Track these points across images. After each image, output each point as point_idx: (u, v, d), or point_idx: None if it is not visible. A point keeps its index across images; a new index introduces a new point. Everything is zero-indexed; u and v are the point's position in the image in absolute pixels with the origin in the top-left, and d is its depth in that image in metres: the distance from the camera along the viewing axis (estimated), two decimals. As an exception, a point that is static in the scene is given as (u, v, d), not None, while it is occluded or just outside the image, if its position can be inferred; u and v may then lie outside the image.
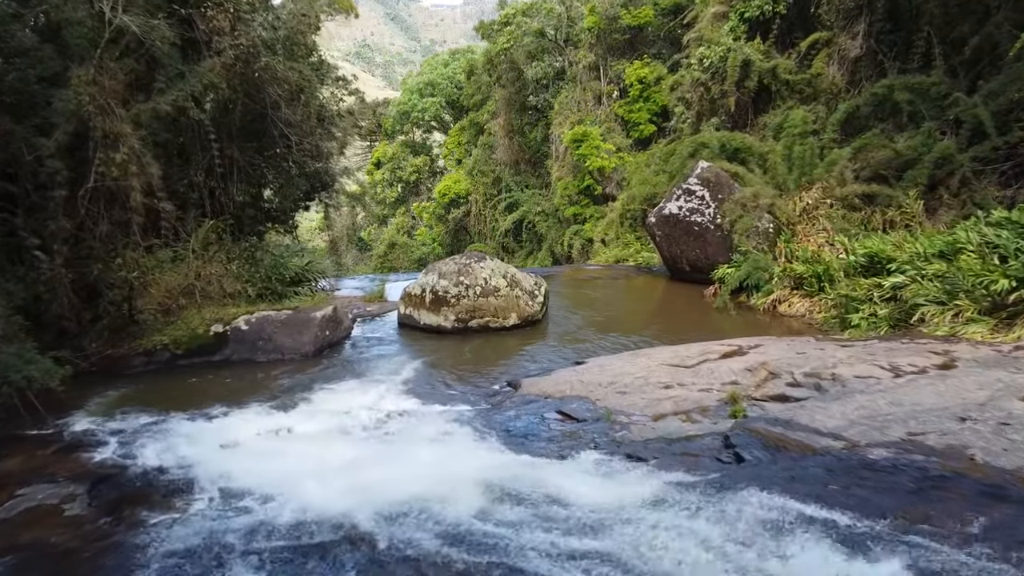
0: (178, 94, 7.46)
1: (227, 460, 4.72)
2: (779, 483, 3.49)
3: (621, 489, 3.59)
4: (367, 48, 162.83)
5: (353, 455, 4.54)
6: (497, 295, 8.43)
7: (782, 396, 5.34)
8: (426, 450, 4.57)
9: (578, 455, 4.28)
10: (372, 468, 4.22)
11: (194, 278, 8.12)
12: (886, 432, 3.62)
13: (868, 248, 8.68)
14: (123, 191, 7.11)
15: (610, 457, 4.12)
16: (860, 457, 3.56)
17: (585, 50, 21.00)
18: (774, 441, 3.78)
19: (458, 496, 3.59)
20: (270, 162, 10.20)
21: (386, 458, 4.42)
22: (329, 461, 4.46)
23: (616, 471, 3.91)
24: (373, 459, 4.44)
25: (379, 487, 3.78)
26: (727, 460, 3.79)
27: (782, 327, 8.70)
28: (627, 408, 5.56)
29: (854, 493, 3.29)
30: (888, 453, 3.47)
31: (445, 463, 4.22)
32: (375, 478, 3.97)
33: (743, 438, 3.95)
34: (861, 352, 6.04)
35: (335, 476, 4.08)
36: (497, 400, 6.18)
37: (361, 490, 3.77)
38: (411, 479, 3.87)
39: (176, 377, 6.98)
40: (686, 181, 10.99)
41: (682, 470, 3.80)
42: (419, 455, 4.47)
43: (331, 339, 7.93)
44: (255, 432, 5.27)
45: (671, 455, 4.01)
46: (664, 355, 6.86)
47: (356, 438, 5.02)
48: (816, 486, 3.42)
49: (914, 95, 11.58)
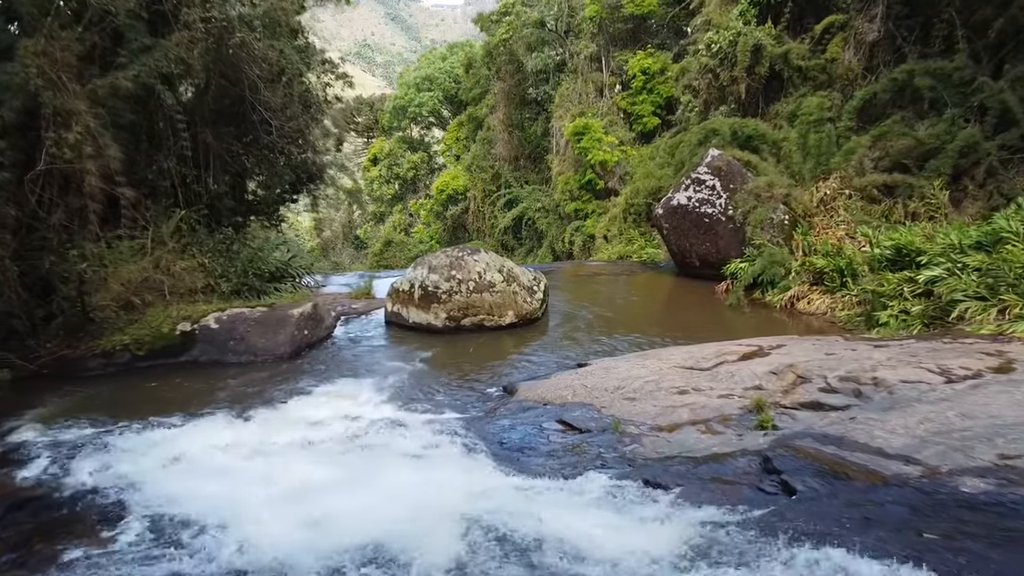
0: (140, 69, 6.77)
1: (171, 480, 4.05)
2: (851, 529, 2.67)
3: (643, 533, 2.83)
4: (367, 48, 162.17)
5: (318, 476, 3.85)
6: (492, 291, 7.74)
7: (815, 403, 4.65)
8: (404, 470, 3.88)
9: (583, 477, 3.58)
10: (336, 494, 3.53)
11: (163, 272, 7.45)
12: (971, 454, 2.91)
13: (895, 240, 7.98)
14: (78, 175, 6.43)
15: (622, 481, 3.41)
16: (949, 490, 2.77)
17: (586, 40, 20.29)
18: (829, 465, 3.06)
19: (433, 540, 2.86)
20: (250, 149, 9.52)
21: (355, 480, 3.72)
22: (288, 483, 3.78)
23: (632, 502, 3.19)
24: (340, 482, 3.74)
25: (338, 521, 3.09)
26: (772, 490, 3.06)
27: (801, 326, 8.02)
28: (637, 417, 4.88)
29: (964, 548, 2.42)
30: (985, 484, 2.72)
31: (424, 488, 3.51)
32: (337, 508, 3.28)
33: (789, 461, 3.22)
34: (900, 353, 5.34)
35: (290, 503, 3.40)
36: (490, 407, 5.50)
37: (315, 525, 3.08)
38: (380, 511, 3.18)
39: (135, 381, 6.29)
40: (695, 170, 10.30)
41: (717, 503, 3.06)
42: (395, 477, 3.78)
43: (310, 339, 7.24)
44: (211, 445, 4.58)
45: (699, 481, 3.28)
46: (676, 356, 6.17)
47: (325, 454, 4.33)
48: (904, 534, 2.58)
49: (936, 80, 10.95)
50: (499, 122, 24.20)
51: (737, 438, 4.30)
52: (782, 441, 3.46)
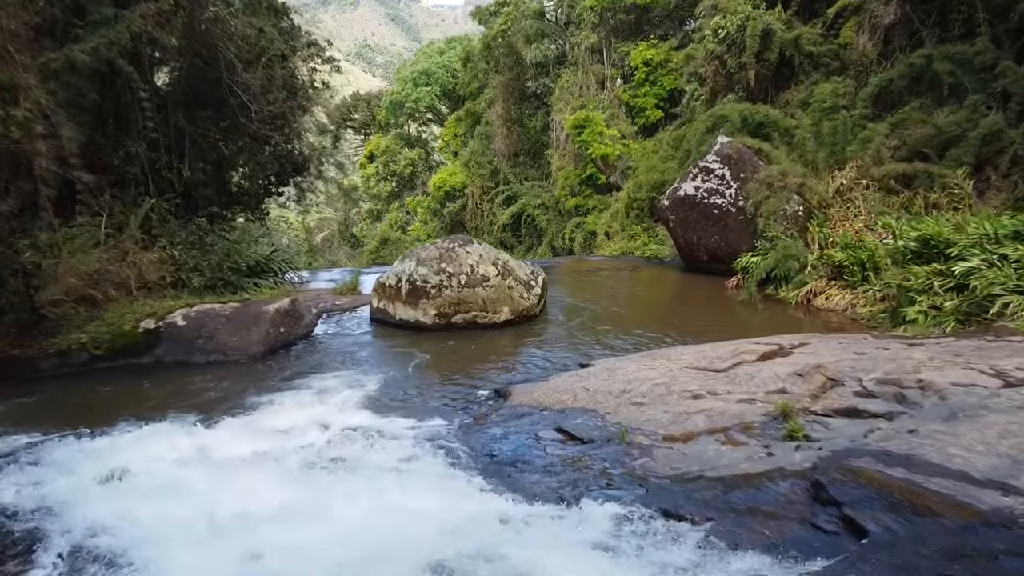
0: (99, 42, 6.18)
1: (104, 501, 3.45)
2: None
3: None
4: (368, 48, 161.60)
5: (271, 498, 3.25)
6: (486, 285, 7.14)
7: (851, 410, 4.06)
8: (371, 493, 3.27)
9: (586, 502, 2.97)
10: (290, 522, 2.93)
11: (129, 265, 6.86)
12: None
13: (922, 230, 7.38)
14: (28, 157, 5.84)
15: (634, 509, 2.78)
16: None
17: (587, 31, 19.66)
18: (901, 495, 2.42)
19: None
20: (228, 135, 8.91)
21: (311, 508, 3.10)
22: (235, 507, 3.18)
23: (649, 543, 2.54)
24: (297, 506, 3.14)
25: (285, 561, 2.50)
26: (832, 528, 2.40)
27: (820, 323, 7.44)
28: (646, 425, 4.29)
29: None
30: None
31: (391, 519, 2.89)
32: (286, 543, 2.68)
33: (848, 488, 2.52)
34: (942, 352, 4.75)
35: (231, 535, 2.80)
36: (481, 412, 4.91)
37: (256, 564, 2.49)
38: (336, 547, 2.58)
39: (89, 384, 5.70)
40: (704, 159, 9.70)
41: (761, 547, 2.38)
42: (363, 500, 3.17)
43: (287, 337, 6.64)
44: (159, 459, 3.99)
45: (732, 513, 2.62)
46: (688, 356, 5.58)
47: (285, 470, 3.73)
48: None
49: (956, 66, 10.41)
50: (498, 117, 23.57)
51: (764, 451, 3.71)
52: (833, 461, 2.83)
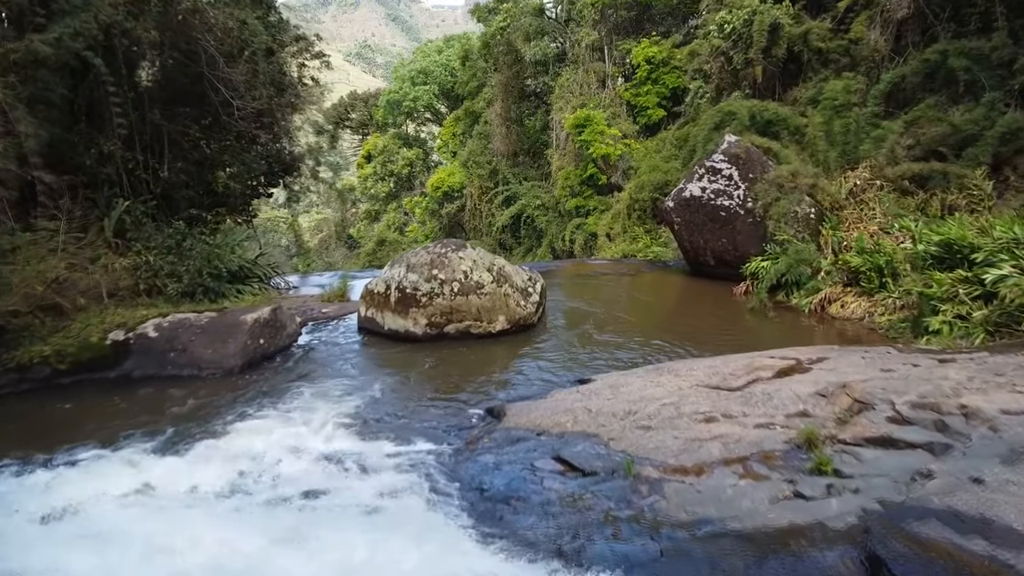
0: (62, 32, 5.74)
1: (37, 547, 3.02)
2: None
3: None
4: (368, 48, 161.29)
5: (225, 546, 2.81)
6: (480, 293, 6.70)
7: (886, 439, 3.62)
8: (342, 540, 2.83)
9: (589, 556, 2.53)
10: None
11: (102, 271, 6.42)
12: None
13: (944, 234, 6.94)
14: (-16, 156, 5.41)
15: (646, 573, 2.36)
16: None
17: (588, 28, 19.22)
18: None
19: None
20: (210, 133, 8.48)
21: (268, 562, 2.67)
22: (183, 559, 2.74)
23: None
24: (250, 559, 2.70)
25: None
26: None
27: (836, 333, 6.99)
28: (654, 453, 3.86)
29: None
30: None
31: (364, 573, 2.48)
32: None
33: (915, 568, 2.08)
34: (980, 371, 4.31)
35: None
36: (473, 436, 4.47)
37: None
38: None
39: (48, 402, 5.25)
40: (710, 158, 9.25)
41: None
42: (327, 552, 2.73)
43: (266, 349, 6.20)
44: (108, 493, 3.55)
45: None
46: (698, 372, 5.13)
47: (247, 509, 3.28)
48: None
49: (972, 62, 9.97)
50: (497, 116, 23.12)
51: (789, 487, 3.29)
52: (889, 522, 2.38)
